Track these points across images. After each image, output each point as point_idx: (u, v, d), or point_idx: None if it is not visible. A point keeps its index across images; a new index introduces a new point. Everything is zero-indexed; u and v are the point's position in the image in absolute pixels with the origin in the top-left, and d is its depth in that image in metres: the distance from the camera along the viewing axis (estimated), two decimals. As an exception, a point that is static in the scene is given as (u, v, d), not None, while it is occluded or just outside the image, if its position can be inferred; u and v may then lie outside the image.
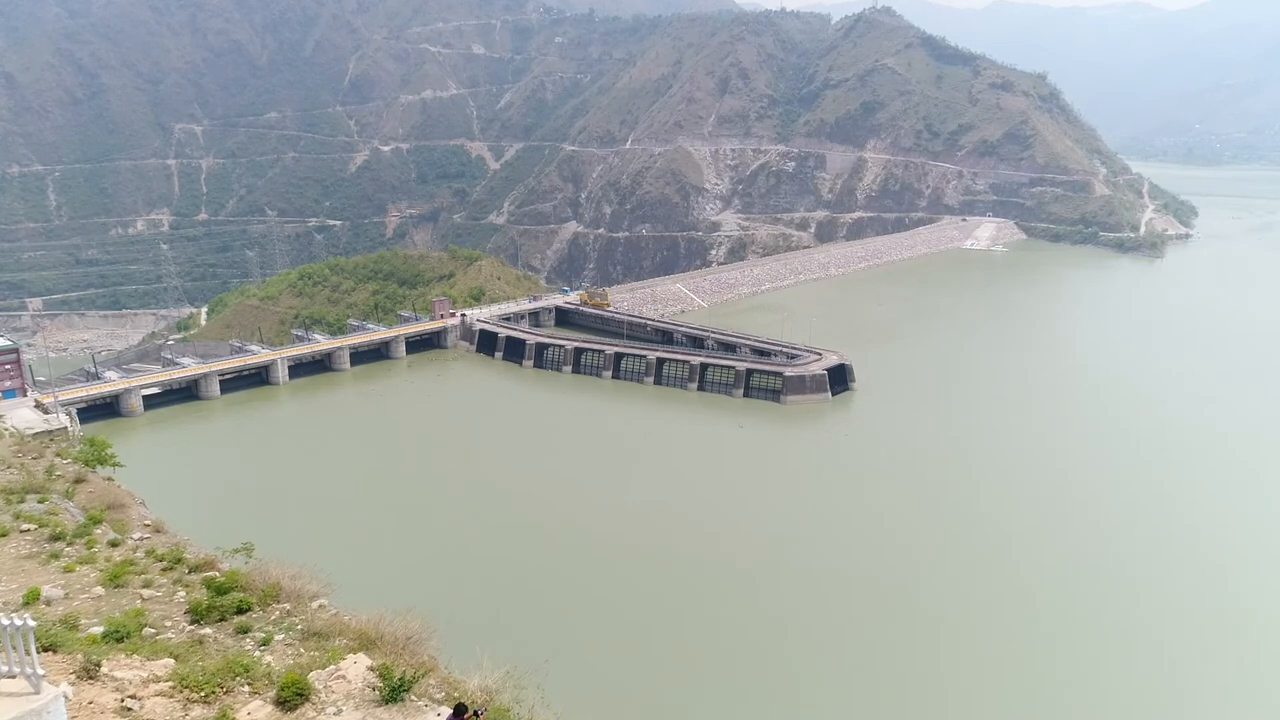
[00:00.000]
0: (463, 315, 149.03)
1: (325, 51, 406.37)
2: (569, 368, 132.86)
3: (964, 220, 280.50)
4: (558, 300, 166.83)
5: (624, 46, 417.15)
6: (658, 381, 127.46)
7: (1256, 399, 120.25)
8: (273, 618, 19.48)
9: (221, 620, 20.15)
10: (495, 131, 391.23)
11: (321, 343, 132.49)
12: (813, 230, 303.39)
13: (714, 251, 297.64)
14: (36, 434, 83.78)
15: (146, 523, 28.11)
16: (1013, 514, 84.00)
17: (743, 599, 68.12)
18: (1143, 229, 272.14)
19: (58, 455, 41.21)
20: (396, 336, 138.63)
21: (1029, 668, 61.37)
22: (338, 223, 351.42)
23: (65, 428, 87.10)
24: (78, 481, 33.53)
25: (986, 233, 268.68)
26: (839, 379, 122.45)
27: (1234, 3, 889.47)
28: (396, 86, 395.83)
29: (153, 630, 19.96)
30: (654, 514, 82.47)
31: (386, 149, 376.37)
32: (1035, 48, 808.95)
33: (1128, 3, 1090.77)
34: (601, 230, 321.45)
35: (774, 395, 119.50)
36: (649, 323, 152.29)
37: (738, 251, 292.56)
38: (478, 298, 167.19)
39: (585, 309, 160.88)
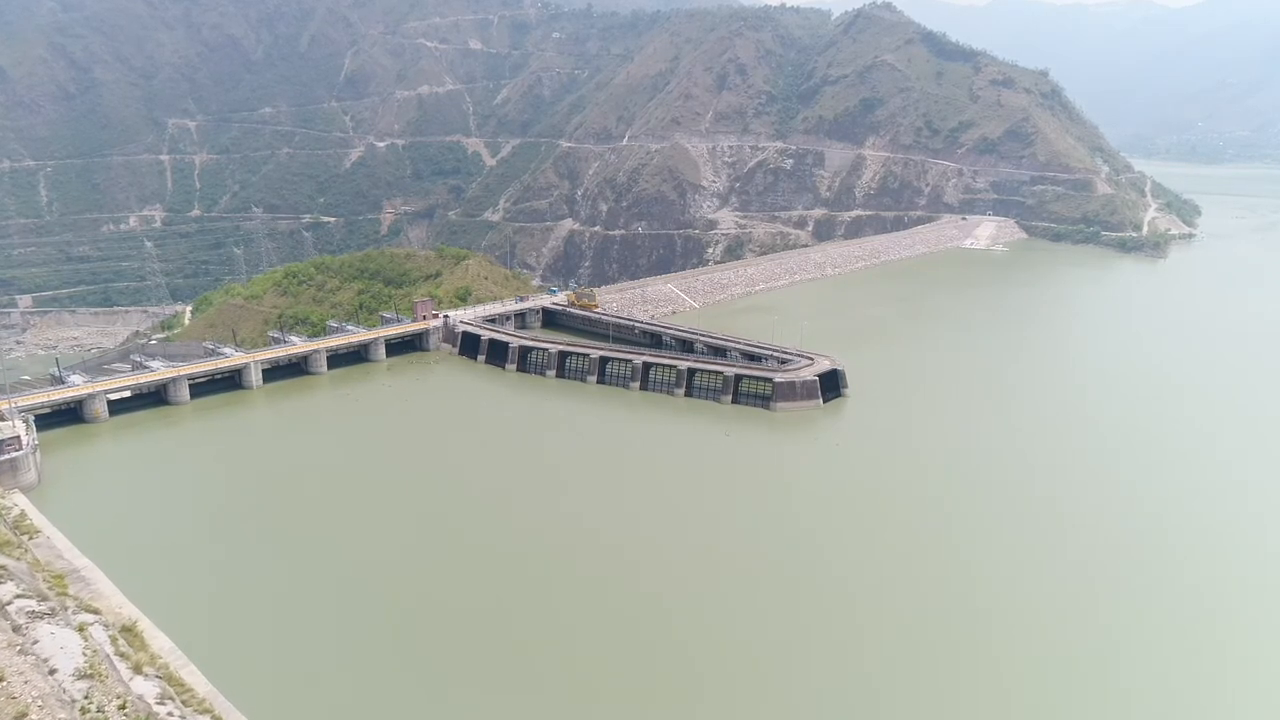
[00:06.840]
0: (445, 317, 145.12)
1: (321, 46, 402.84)
2: (553, 372, 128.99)
3: (964, 219, 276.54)
4: (545, 301, 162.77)
5: (622, 42, 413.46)
6: (644, 387, 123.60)
7: (1258, 404, 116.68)
8: None
9: None
10: (492, 128, 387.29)
11: (297, 345, 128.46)
12: (810, 228, 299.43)
13: (711, 250, 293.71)
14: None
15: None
16: (1010, 525, 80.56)
17: (730, 625, 64.26)
18: (1145, 228, 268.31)
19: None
20: (376, 339, 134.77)
21: (1028, 678, 58.54)
22: (332, 219, 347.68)
23: (18, 436, 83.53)
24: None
25: (986, 232, 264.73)
26: (831, 384, 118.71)
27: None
28: (392, 82, 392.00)
29: None
30: (626, 537, 77.88)
31: (382, 145, 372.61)
32: (1037, 44, 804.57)
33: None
34: (598, 228, 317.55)
35: (763, 401, 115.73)
36: (637, 325, 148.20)
37: (735, 250, 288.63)
38: (464, 298, 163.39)
39: (572, 310, 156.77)
